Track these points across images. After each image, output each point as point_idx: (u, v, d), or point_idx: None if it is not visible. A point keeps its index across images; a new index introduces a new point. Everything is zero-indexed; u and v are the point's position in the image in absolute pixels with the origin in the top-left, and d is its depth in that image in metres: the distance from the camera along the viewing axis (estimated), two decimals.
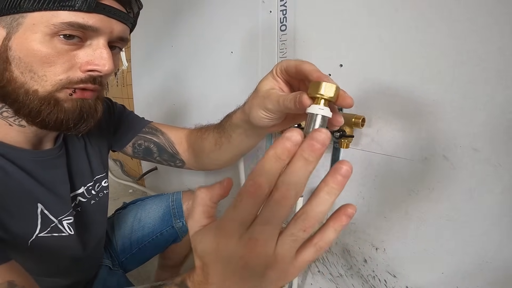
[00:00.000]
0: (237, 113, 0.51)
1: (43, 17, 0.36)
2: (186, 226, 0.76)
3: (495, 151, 0.46)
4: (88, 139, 0.58)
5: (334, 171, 0.23)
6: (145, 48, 1.27)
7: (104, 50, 0.39)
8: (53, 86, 0.39)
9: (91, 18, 0.37)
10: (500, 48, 0.43)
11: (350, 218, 0.25)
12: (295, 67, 0.36)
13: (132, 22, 0.45)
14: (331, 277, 0.78)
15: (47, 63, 0.37)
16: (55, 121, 0.40)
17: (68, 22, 0.36)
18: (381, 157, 0.60)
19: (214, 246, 0.25)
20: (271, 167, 0.23)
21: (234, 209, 0.24)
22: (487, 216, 0.49)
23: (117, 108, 0.67)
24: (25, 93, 0.38)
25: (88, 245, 0.57)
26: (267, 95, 0.40)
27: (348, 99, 0.30)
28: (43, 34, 0.36)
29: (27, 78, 0.38)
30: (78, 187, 0.55)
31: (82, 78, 0.40)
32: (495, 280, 0.50)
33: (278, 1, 0.70)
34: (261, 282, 0.25)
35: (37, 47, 0.36)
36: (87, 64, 0.39)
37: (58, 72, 0.38)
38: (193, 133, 0.65)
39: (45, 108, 0.39)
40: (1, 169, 0.41)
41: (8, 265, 0.36)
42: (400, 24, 0.53)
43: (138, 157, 0.68)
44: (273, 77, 0.40)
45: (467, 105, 0.48)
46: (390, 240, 0.63)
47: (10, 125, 0.42)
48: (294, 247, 0.24)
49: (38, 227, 0.46)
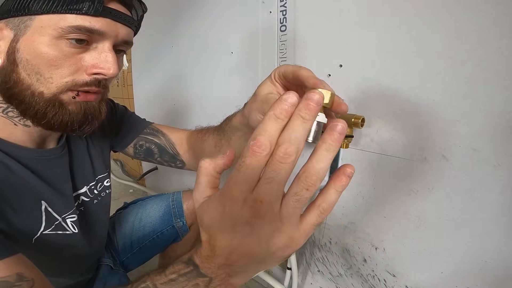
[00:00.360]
0: (236, 116, 0.52)
1: (51, 20, 0.36)
2: (186, 226, 0.76)
3: (494, 151, 0.46)
4: (91, 139, 0.59)
5: (331, 129, 0.24)
6: (146, 49, 1.27)
7: (110, 53, 0.40)
8: (58, 88, 0.39)
9: (97, 22, 0.38)
10: (499, 48, 0.43)
11: (350, 178, 0.26)
12: (292, 73, 0.37)
13: (137, 25, 0.46)
14: (330, 277, 0.79)
15: (54, 65, 0.38)
16: (60, 123, 0.41)
17: (75, 25, 0.36)
18: (381, 157, 0.60)
19: (219, 213, 0.26)
20: (271, 127, 0.24)
21: (238, 171, 0.24)
22: (486, 216, 0.49)
23: (119, 109, 0.68)
24: (31, 95, 0.39)
25: (92, 244, 0.58)
26: (265, 100, 0.41)
27: (342, 105, 0.32)
28: (50, 37, 0.37)
29: (34, 80, 0.39)
30: (80, 186, 0.55)
31: (88, 81, 0.41)
32: (494, 280, 0.50)
33: (278, 1, 0.70)
34: (268, 250, 0.26)
35: (44, 50, 0.37)
36: (93, 67, 0.40)
37: (64, 75, 0.39)
38: (193, 135, 0.66)
39: (50, 110, 0.40)
40: (6, 167, 0.42)
41: (16, 257, 0.36)
42: (400, 25, 0.53)
43: (139, 157, 0.69)
44: (271, 82, 0.41)
45: (466, 105, 0.48)
46: (389, 239, 0.63)
47: (15, 125, 0.43)
48: (299, 207, 0.25)
49: (42, 224, 0.46)
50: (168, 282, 0.30)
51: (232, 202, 0.25)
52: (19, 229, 0.42)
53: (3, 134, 0.43)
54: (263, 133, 0.24)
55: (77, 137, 0.56)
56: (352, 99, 0.61)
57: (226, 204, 0.25)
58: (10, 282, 0.33)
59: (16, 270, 0.35)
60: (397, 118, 0.56)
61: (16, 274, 0.34)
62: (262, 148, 0.23)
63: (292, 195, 0.24)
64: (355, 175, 0.27)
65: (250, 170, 0.24)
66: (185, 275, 0.30)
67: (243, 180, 0.24)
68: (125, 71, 1.51)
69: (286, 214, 0.25)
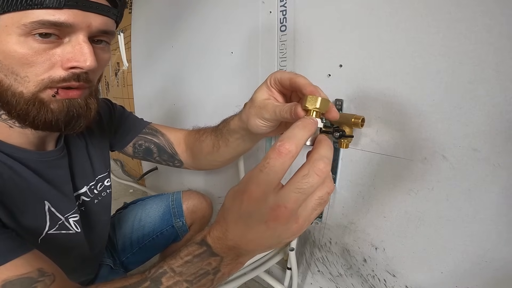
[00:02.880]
0: (234, 120, 0.53)
1: (14, 18, 0.35)
2: (186, 226, 0.77)
3: (494, 151, 0.46)
4: (90, 139, 0.59)
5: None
6: (146, 49, 1.27)
7: (85, 45, 0.38)
8: (36, 87, 0.38)
9: (62, 14, 0.35)
10: (499, 48, 0.43)
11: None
12: (289, 80, 0.39)
13: (117, 14, 0.42)
14: (330, 277, 0.79)
15: (27, 63, 0.36)
16: (44, 123, 0.40)
17: (39, 20, 0.34)
18: (381, 157, 0.60)
19: (236, 207, 0.28)
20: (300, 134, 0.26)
21: (260, 172, 0.26)
22: (486, 216, 0.49)
23: (117, 109, 0.68)
24: (12, 95, 0.38)
25: (94, 244, 0.58)
26: (263, 105, 0.43)
27: (334, 113, 0.35)
28: (17, 35, 0.35)
29: (12, 80, 0.37)
30: (80, 186, 0.55)
31: (65, 77, 0.38)
32: (494, 280, 0.50)
33: (278, 1, 0.70)
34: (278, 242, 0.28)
35: (13, 49, 0.35)
36: (68, 61, 0.38)
37: (39, 72, 0.37)
38: (191, 135, 0.67)
39: (31, 109, 0.39)
40: (9, 167, 0.42)
41: (34, 253, 0.36)
42: (400, 24, 0.53)
43: (138, 157, 0.69)
44: (267, 87, 0.43)
45: (466, 105, 0.48)
46: (389, 239, 0.63)
47: (11, 127, 0.43)
48: (319, 210, 0.27)
49: (47, 224, 0.46)
50: (184, 264, 0.33)
51: (251, 201, 0.26)
52: (26, 229, 0.42)
53: (2, 137, 0.42)
54: (292, 137, 0.26)
55: (76, 138, 0.56)
56: (352, 99, 0.61)
57: (243, 201, 0.27)
58: (33, 278, 0.34)
59: (37, 266, 0.35)
60: (397, 118, 0.56)
61: (38, 270, 0.35)
62: (288, 151, 0.25)
63: (316, 199, 0.27)
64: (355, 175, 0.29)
65: (274, 172, 0.25)
66: (199, 255, 0.32)
67: (265, 181, 0.25)
68: (125, 71, 1.51)
69: (305, 216, 0.27)
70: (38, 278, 0.34)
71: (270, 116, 0.42)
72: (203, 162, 0.66)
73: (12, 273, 0.33)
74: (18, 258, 0.34)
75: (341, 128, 0.58)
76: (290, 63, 0.71)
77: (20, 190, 0.42)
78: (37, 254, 0.37)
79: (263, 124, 0.45)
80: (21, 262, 0.34)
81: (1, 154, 0.42)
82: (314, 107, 0.33)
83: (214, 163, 0.65)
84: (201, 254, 0.32)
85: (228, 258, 0.32)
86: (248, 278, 0.71)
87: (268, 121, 0.44)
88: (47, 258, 0.37)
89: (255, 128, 0.46)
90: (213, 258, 0.32)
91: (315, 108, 0.33)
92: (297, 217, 0.27)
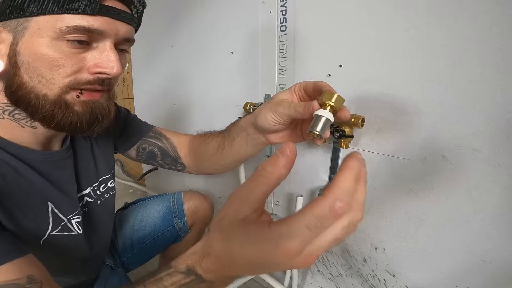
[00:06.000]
0: (246, 117, 0.54)
1: (48, 21, 0.36)
2: (187, 226, 0.76)
3: (494, 151, 0.46)
4: (95, 140, 0.59)
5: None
6: (146, 49, 1.27)
7: (112, 52, 0.40)
8: (60, 89, 0.39)
9: (96, 21, 0.37)
10: (499, 48, 0.43)
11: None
12: (313, 85, 0.43)
13: (137, 22, 0.45)
14: (330, 277, 0.79)
15: (56, 66, 0.37)
16: (70, 124, 0.41)
17: (73, 25, 0.36)
18: (381, 157, 0.60)
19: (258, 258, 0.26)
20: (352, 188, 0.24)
21: (310, 230, 0.23)
22: (486, 216, 0.49)
23: (122, 112, 0.68)
24: (35, 98, 0.39)
25: (95, 245, 0.58)
26: (280, 102, 0.45)
27: (346, 113, 0.39)
28: (49, 39, 0.36)
29: (35, 82, 0.38)
30: (84, 187, 0.55)
31: (90, 80, 0.40)
32: (494, 280, 0.50)
33: (278, 1, 0.70)
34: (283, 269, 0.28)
35: (45, 51, 0.36)
36: (95, 67, 0.39)
37: (66, 75, 0.38)
38: (196, 138, 0.67)
39: (57, 111, 0.39)
40: (13, 168, 0.42)
41: (26, 258, 0.36)
42: (400, 24, 0.53)
43: (141, 160, 0.69)
44: (291, 92, 0.46)
45: (466, 105, 0.48)
46: (389, 239, 0.63)
47: (22, 127, 0.43)
48: (335, 244, 0.26)
49: (50, 225, 0.46)
50: None
51: (287, 256, 0.24)
52: (28, 231, 0.42)
53: (9, 136, 0.42)
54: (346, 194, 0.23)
55: (82, 138, 0.56)
56: (352, 99, 0.61)
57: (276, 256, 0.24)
58: (21, 285, 0.33)
59: (27, 272, 0.34)
60: (397, 118, 0.56)
61: (27, 276, 0.34)
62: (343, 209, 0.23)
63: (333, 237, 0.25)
64: None
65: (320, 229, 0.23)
66: (187, 284, 0.31)
67: (309, 237, 0.24)
68: (125, 71, 1.51)
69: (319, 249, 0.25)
70: (26, 285, 0.34)
71: (283, 110, 0.44)
72: (206, 165, 0.66)
73: (1, 278, 0.33)
74: (10, 263, 0.34)
75: (341, 128, 0.58)
76: (290, 63, 0.71)
77: (23, 191, 0.42)
78: (30, 260, 0.36)
79: (273, 119, 0.46)
80: (12, 267, 0.34)
81: (6, 154, 0.42)
82: (330, 101, 0.37)
83: (216, 166, 0.64)
84: (189, 283, 0.31)
85: (220, 282, 0.31)
86: (248, 278, 0.71)
87: (279, 116, 0.45)
88: (39, 264, 0.37)
89: (263, 121, 0.47)
90: (203, 284, 0.30)
91: (331, 102, 0.37)
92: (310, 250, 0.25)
